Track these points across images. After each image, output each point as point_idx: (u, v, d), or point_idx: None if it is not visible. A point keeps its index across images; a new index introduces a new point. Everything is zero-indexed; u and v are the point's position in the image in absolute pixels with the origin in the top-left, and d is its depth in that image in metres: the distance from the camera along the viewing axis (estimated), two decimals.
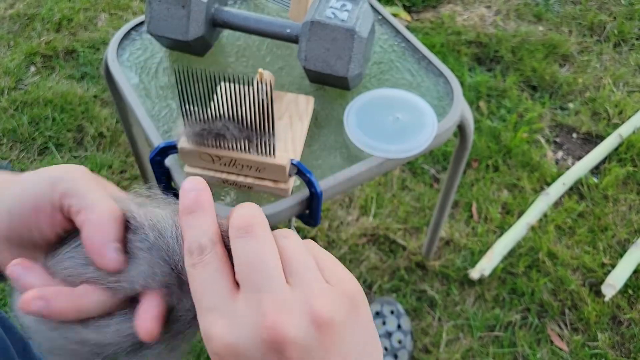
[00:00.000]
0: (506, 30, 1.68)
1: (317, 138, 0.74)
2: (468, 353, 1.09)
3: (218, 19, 0.77)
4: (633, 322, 1.13)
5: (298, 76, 0.81)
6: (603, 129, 1.45)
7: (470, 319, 1.13)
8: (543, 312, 1.14)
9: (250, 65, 0.82)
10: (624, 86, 1.55)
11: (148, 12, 0.75)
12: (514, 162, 1.36)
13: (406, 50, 0.85)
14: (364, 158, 0.71)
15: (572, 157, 1.41)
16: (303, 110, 0.74)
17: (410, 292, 1.16)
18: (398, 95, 0.77)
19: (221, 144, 0.61)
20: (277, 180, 0.65)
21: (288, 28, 0.76)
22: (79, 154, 1.36)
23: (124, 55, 0.83)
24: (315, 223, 0.69)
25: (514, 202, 1.29)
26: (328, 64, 0.72)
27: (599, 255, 1.22)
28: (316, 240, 1.23)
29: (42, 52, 1.56)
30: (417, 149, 0.72)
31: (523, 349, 1.09)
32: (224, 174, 0.65)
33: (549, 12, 1.75)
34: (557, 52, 1.62)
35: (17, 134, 1.38)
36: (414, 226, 1.25)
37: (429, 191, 1.31)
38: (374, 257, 1.21)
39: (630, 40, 1.67)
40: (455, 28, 1.67)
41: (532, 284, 1.17)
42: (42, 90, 1.46)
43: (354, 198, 1.30)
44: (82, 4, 1.70)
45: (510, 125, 1.42)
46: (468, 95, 1.49)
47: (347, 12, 0.71)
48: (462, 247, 1.22)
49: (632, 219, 1.28)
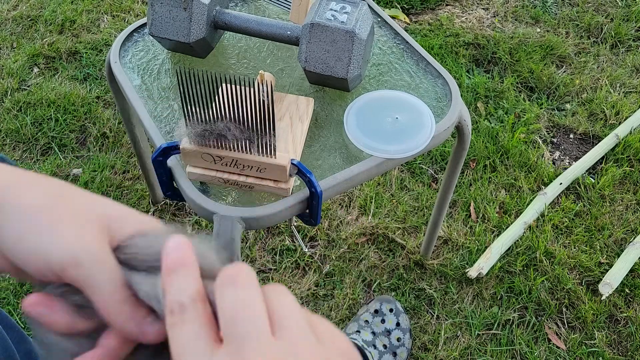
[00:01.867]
0: (504, 32, 1.69)
1: (317, 138, 0.75)
2: (466, 351, 1.10)
3: (219, 21, 0.79)
4: (630, 321, 1.14)
5: (298, 77, 0.82)
6: (600, 130, 1.46)
7: (468, 317, 1.14)
8: (540, 311, 1.16)
9: (251, 67, 0.83)
10: (620, 87, 1.57)
11: (150, 14, 0.77)
12: (512, 162, 1.38)
13: (405, 52, 0.86)
14: (363, 158, 0.72)
15: (569, 157, 1.42)
16: (303, 111, 0.75)
17: (409, 290, 1.17)
18: (397, 97, 0.78)
19: (222, 145, 0.63)
20: (278, 180, 0.66)
21: (288, 30, 0.77)
22: (81, 155, 1.37)
23: (126, 57, 0.84)
24: (316, 222, 0.70)
25: (511, 202, 1.30)
26: (328, 66, 0.73)
27: (596, 254, 1.23)
28: (316, 239, 1.24)
29: (45, 53, 1.57)
30: (416, 149, 0.73)
31: (521, 347, 1.11)
32: (225, 174, 0.66)
33: (546, 13, 1.76)
34: (554, 53, 1.63)
35: (20, 134, 1.39)
36: (412, 225, 1.26)
37: (427, 191, 1.32)
38: (373, 256, 1.22)
39: (627, 42, 1.68)
40: (453, 30, 1.68)
41: (530, 283, 1.18)
42: (45, 91, 1.47)
43: (353, 198, 1.31)
44: (85, 6, 1.71)
45: (507, 126, 1.43)
46: (466, 96, 1.50)
47: (346, 15, 0.73)
48: (460, 246, 1.23)
49: (628, 218, 1.29)
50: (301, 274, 1.20)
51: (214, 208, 0.66)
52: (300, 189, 0.68)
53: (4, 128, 1.41)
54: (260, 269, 1.20)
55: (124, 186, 1.31)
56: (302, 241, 1.22)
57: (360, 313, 1.11)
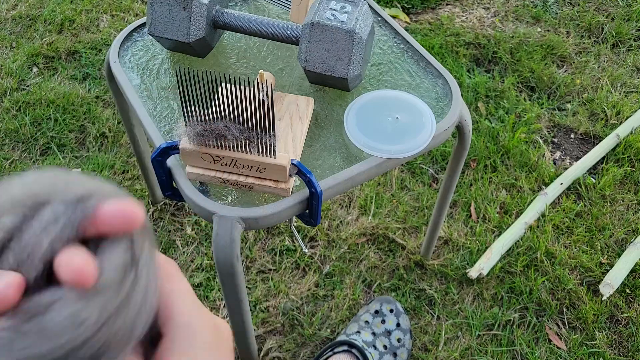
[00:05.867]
0: (504, 31, 1.69)
1: (317, 138, 0.75)
2: (467, 351, 1.10)
3: (219, 20, 0.78)
4: (631, 321, 1.14)
5: (298, 77, 0.82)
6: (601, 130, 1.46)
7: (468, 317, 1.13)
8: (541, 311, 1.15)
9: (251, 67, 0.83)
10: (621, 87, 1.56)
11: (149, 14, 0.76)
12: (512, 162, 1.37)
13: (405, 52, 0.86)
14: (363, 158, 0.72)
15: (570, 157, 1.42)
16: (303, 111, 0.75)
17: (409, 291, 1.17)
18: (397, 96, 0.78)
19: (222, 145, 0.62)
20: (278, 180, 0.66)
21: (288, 30, 0.77)
22: (80, 155, 1.37)
23: (125, 57, 0.84)
24: (316, 222, 0.70)
25: (512, 202, 1.30)
26: (328, 65, 0.72)
27: (597, 254, 1.23)
28: (316, 239, 1.24)
29: (44, 53, 1.57)
30: (416, 149, 0.73)
31: (521, 347, 1.10)
32: (225, 174, 0.66)
33: (547, 13, 1.76)
34: (555, 53, 1.63)
35: (19, 134, 1.39)
36: (413, 226, 1.26)
37: (427, 191, 1.32)
38: (374, 256, 1.22)
39: (627, 42, 1.68)
40: (453, 29, 1.68)
41: (530, 283, 1.17)
42: (45, 91, 1.47)
43: (353, 198, 1.30)
44: (84, 6, 1.71)
45: (508, 126, 1.43)
46: (466, 96, 1.50)
47: (346, 14, 0.72)
48: (460, 246, 1.23)
49: (629, 218, 1.29)
50: (301, 274, 1.19)
51: (214, 208, 0.66)
52: (300, 189, 0.68)
53: (3, 128, 1.41)
54: (260, 269, 1.19)
55: (124, 186, 1.30)
56: (302, 241, 1.21)
57: (360, 314, 1.11)
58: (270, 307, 1.14)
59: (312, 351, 1.09)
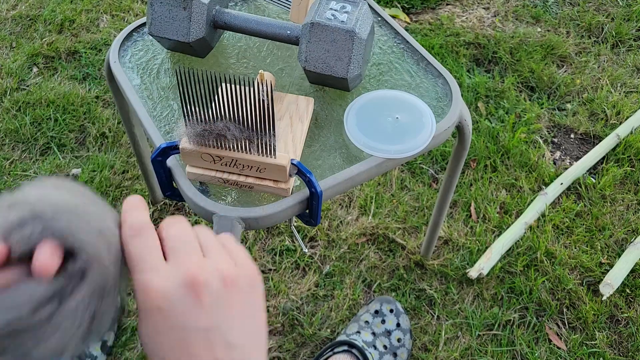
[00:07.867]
0: (504, 31, 1.69)
1: (317, 138, 0.75)
2: (467, 351, 1.10)
3: (219, 20, 0.78)
4: (631, 321, 1.14)
5: (298, 77, 0.82)
6: (601, 130, 1.46)
7: (468, 317, 1.13)
8: (541, 311, 1.15)
9: (251, 67, 0.83)
10: (621, 87, 1.56)
11: (149, 14, 0.76)
12: (512, 162, 1.37)
13: (405, 52, 0.86)
14: (363, 158, 0.72)
15: (570, 157, 1.42)
16: (303, 111, 0.75)
17: (409, 291, 1.17)
18: (397, 96, 0.78)
19: (222, 145, 0.62)
20: (278, 180, 0.66)
21: (288, 30, 0.77)
22: (80, 155, 1.37)
23: (125, 57, 0.84)
24: (316, 222, 0.70)
25: (512, 202, 1.30)
26: (328, 65, 0.72)
27: (597, 254, 1.23)
28: (316, 239, 1.24)
29: (44, 53, 1.57)
30: (416, 149, 0.73)
31: (521, 347, 1.10)
32: (225, 174, 0.66)
33: (547, 13, 1.76)
34: (555, 53, 1.63)
35: (19, 134, 1.39)
36: (413, 226, 1.26)
37: (427, 191, 1.32)
38: (374, 256, 1.22)
39: (627, 42, 1.68)
40: (453, 29, 1.68)
41: (530, 283, 1.17)
42: (45, 91, 1.47)
43: (353, 198, 1.30)
44: (84, 6, 1.71)
45: (508, 126, 1.43)
46: (466, 96, 1.50)
47: (346, 14, 0.72)
48: (460, 246, 1.23)
49: (629, 218, 1.29)
50: (301, 274, 1.19)
51: (214, 208, 0.66)
52: (300, 189, 0.68)
53: (3, 128, 1.41)
54: (260, 269, 1.19)
55: (124, 186, 1.30)
56: (302, 241, 1.21)
57: (360, 313, 1.11)
58: (270, 307, 1.14)
59: (312, 351, 1.09)
